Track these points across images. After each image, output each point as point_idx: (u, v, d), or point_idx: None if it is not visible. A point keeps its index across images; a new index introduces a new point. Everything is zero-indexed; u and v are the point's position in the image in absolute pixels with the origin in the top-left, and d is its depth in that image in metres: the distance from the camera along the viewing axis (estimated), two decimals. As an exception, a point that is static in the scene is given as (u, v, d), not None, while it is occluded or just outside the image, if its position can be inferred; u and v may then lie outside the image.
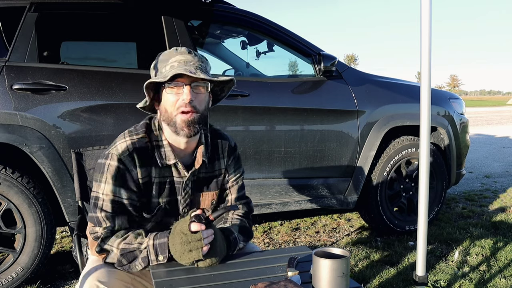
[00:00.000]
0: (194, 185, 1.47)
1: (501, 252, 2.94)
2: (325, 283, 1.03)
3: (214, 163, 1.51)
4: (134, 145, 1.35)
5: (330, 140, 3.06)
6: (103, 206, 1.33)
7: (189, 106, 1.31)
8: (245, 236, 1.46)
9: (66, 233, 3.57)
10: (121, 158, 1.33)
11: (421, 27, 1.97)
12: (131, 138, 1.37)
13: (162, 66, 1.35)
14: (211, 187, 1.51)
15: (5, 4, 2.56)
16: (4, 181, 2.38)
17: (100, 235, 1.32)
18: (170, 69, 1.32)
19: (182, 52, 1.35)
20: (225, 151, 1.53)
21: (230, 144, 1.55)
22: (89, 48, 3.65)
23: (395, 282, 2.51)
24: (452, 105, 3.62)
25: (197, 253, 1.22)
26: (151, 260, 1.28)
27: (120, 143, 1.36)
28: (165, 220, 1.46)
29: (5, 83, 2.39)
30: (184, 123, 1.32)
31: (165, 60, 1.35)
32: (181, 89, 1.31)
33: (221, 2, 3.13)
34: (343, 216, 3.99)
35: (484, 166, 6.77)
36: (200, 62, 1.35)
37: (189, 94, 1.30)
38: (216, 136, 1.53)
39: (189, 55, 1.35)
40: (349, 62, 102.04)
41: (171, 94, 1.32)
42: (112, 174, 1.33)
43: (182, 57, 1.34)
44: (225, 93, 1.50)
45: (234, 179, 1.56)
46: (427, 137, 2.02)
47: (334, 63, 3.05)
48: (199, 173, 1.47)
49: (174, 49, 1.38)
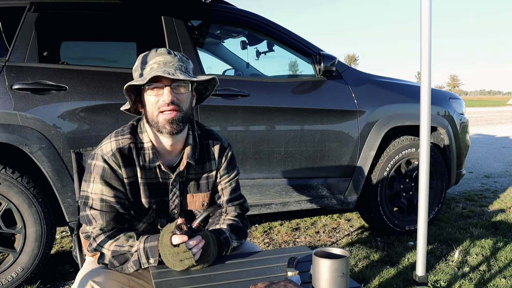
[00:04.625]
0: (183, 187, 1.46)
1: (501, 252, 2.94)
2: (325, 283, 1.03)
3: (204, 164, 1.49)
4: (119, 146, 1.37)
5: (330, 140, 3.06)
6: (92, 204, 1.34)
7: (170, 105, 1.31)
8: (237, 235, 1.46)
9: (66, 233, 3.57)
10: (105, 158, 1.35)
11: (421, 27, 1.97)
12: (116, 139, 1.38)
13: (142, 68, 1.36)
14: (201, 189, 1.49)
15: (5, 4, 2.56)
16: (4, 181, 2.38)
17: (91, 234, 1.33)
18: (150, 71, 1.32)
19: (162, 53, 1.36)
20: (217, 152, 1.51)
21: (222, 145, 1.52)
22: (89, 48, 3.65)
23: (395, 282, 2.51)
24: (452, 105, 3.62)
25: (188, 262, 1.23)
26: (142, 263, 1.28)
27: (105, 144, 1.38)
28: (157, 221, 1.46)
29: (5, 83, 2.39)
30: (166, 121, 1.32)
31: (145, 62, 1.36)
32: (161, 90, 1.32)
33: (221, 2, 3.13)
34: (343, 216, 3.99)
35: (484, 166, 6.77)
36: (180, 62, 1.35)
37: (169, 95, 1.30)
38: (208, 137, 1.52)
39: (169, 55, 1.35)
40: (349, 62, 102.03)
41: (152, 96, 1.33)
42: (99, 174, 1.35)
43: (161, 58, 1.34)
44: (209, 92, 1.51)
45: (227, 181, 1.54)
46: (427, 137, 2.02)
47: (334, 63, 3.05)
48: (187, 174, 1.46)
49: (154, 50, 1.38)
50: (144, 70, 1.35)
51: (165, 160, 1.43)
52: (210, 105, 2.74)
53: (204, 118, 2.73)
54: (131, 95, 1.38)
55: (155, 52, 1.37)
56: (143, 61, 1.37)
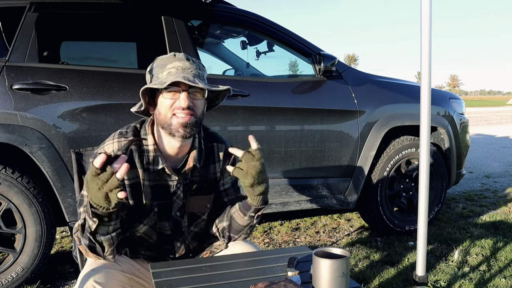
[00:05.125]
0: (186, 189, 1.46)
1: (501, 252, 2.94)
2: (325, 283, 1.03)
3: (209, 166, 1.50)
4: (120, 147, 1.36)
5: (330, 140, 3.06)
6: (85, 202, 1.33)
7: (186, 110, 1.31)
8: None
9: (66, 233, 3.57)
10: None
11: (421, 27, 1.97)
12: (119, 140, 1.38)
13: (159, 71, 1.35)
14: (205, 191, 1.50)
15: (5, 4, 2.56)
16: (4, 181, 2.38)
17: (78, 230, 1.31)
18: (168, 76, 1.32)
19: (180, 58, 1.36)
20: (221, 155, 1.51)
21: (226, 148, 1.52)
22: (89, 48, 3.65)
23: (395, 282, 2.51)
24: (452, 105, 3.62)
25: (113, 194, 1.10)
26: (90, 226, 1.20)
27: (108, 144, 1.38)
28: (158, 223, 1.46)
29: (5, 83, 2.39)
30: (180, 124, 1.32)
31: (162, 66, 1.35)
32: (177, 94, 1.32)
33: (221, 2, 3.13)
34: (343, 216, 3.99)
35: (484, 166, 6.78)
36: (197, 69, 1.36)
37: (186, 100, 1.31)
38: (212, 140, 1.52)
39: (187, 62, 1.35)
40: (350, 62, 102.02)
41: (168, 99, 1.33)
42: None
43: (180, 64, 1.34)
44: (219, 100, 1.51)
45: (231, 183, 1.54)
46: (427, 137, 2.02)
47: (334, 63, 3.05)
48: (192, 176, 1.46)
49: (172, 54, 1.38)
50: (161, 74, 1.34)
51: (169, 162, 1.42)
52: (210, 105, 2.74)
53: (204, 118, 2.71)
54: (145, 97, 1.38)
55: (174, 57, 1.36)
56: (159, 64, 1.37)
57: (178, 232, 1.49)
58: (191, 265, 1.28)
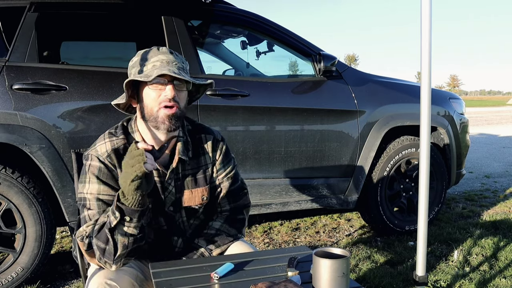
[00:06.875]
0: (180, 183, 1.46)
1: (501, 252, 2.94)
2: (325, 283, 1.03)
3: (199, 158, 1.50)
4: (114, 147, 1.38)
5: (330, 140, 3.06)
6: (89, 205, 1.34)
7: (172, 101, 1.33)
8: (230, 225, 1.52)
9: (66, 233, 3.57)
10: (101, 159, 1.35)
11: (421, 27, 1.97)
12: (111, 140, 1.39)
13: (143, 64, 1.37)
14: (199, 183, 1.50)
15: (5, 4, 2.56)
16: (4, 181, 2.38)
17: (85, 234, 1.33)
18: (153, 69, 1.34)
19: (164, 52, 1.38)
20: (210, 145, 1.52)
21: (215, 138, 1.54)
22: (89, 48, 3.65)
23: (395, 282, 2.51)
24: (452, 105, 3.62)
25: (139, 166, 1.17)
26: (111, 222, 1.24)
27: (100, 145, 1.39)
28: (154, 220, 1.46)
29: (5, 83, 2.39)
30: (166, 116, 1.34)
31: (146, 59, 1.37)
32: (163, 86, 1.34)
33: (221, 2, 3.13)
34: (343, 216, 3.99)
35: (484, 166, 6.77)
36: (181, 63, 1.38)
37: (172, 91, 1.33)
38: (199, 131, 1.53)
39: (171, 55, 1.38)
40: (350, 62, 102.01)
41: (153, 91, 1.35)
42: (94, 174, 1.35)
43: (164, 57, 1.36)
44: (200, 94, 1.54)
45: (224, 174, 1.55)
46: (427, 137, 2.02)
47: (334, 63, 3.05)
48: (183, 170, 1.46)
49: (155, 48, 1.40)
50: (145, 67, 1.36)
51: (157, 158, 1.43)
52: (210, 105, 2.74)
53: (204, 118, 2.73)
54: (128, 89, 1.39)
55: (157, 51, 1.38)
56: (143, 57, 1.39)
57: (174, 226, 1.49)
58: (191, 265, 1.28)
